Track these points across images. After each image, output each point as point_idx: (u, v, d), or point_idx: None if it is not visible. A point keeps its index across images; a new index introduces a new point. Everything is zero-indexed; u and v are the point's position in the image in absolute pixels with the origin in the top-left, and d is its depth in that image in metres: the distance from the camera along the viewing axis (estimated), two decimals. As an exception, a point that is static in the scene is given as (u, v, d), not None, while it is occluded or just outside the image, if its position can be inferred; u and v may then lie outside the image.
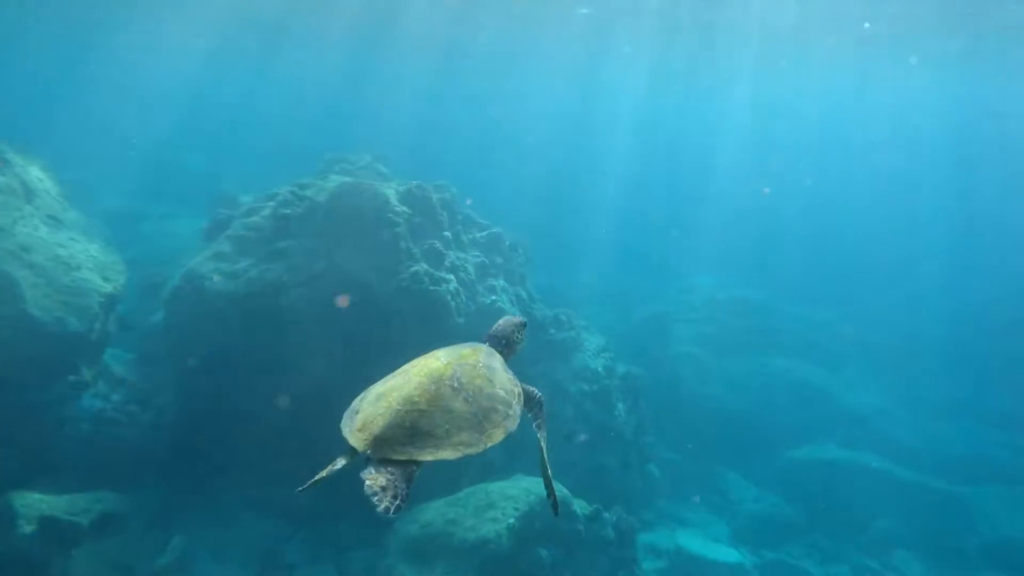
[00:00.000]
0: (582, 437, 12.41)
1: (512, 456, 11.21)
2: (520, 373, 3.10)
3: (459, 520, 9.10)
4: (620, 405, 13.79)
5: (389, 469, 2.36)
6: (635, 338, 19.81)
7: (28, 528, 7.59)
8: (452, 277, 11.56)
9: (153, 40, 34.85)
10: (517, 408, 2.75)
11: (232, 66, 43.81)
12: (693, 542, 13.63)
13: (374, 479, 2.32)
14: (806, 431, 16.56)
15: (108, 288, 9.47)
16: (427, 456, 2.43)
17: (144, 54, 38.60)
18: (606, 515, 10.78)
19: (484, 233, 13.61)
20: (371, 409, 2.58)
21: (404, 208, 11.48)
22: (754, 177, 40.65)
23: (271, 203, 10.87)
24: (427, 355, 2.85)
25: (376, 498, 2.25)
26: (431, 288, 10.79)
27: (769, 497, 15.04)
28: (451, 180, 14.49)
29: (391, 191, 11.71)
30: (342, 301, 9.59)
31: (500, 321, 3.22)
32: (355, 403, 2.76)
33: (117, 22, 31.32)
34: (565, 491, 9.84)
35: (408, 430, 2.45)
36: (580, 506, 10.18)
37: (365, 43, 32.02)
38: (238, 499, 9.56)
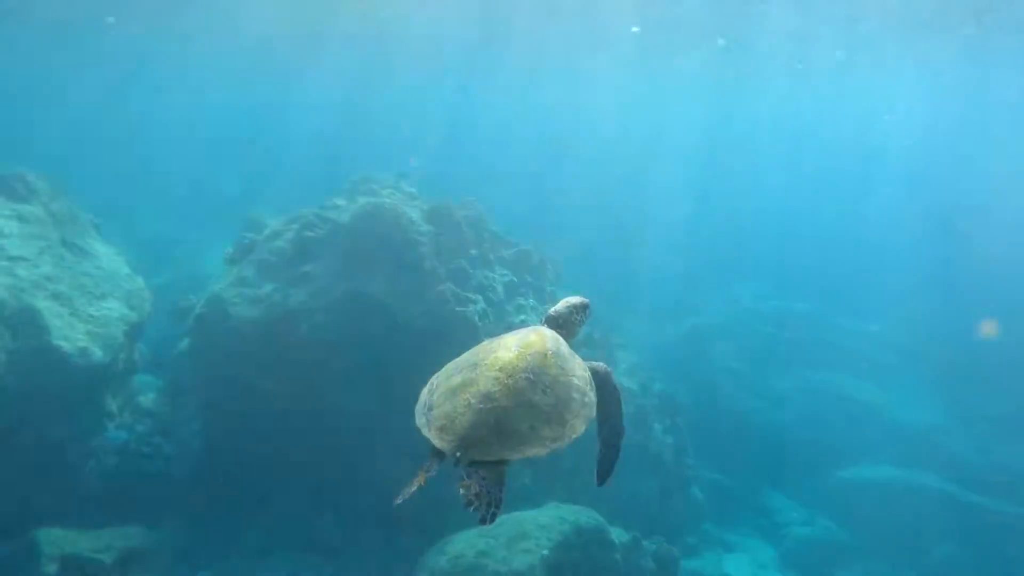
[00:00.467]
0: None
1: (544, 481, 10.87)
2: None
3: (490, 552, 8.76)
4: (657, 425, 13.33)
5: (481, 473, 2.33)
6: (674, 353, 19.30)
7: (51, 567, 7.51)
8: (479, 297, 11.31)
9: (183, 63, 35.70)
10: (592, 394, 2.68)
11: (263, 87, 44.61)
12: (740, 568, 13.08)
13: (468, 486, 2.29)
14: (857, 449, 15.82)
15: (134, 317, 9.45)
16: (516, 455, 2.38)
17: (174, 77, 39.56)
18: (645, 543, 10.34)
19: (512, 251, 13.34)
20: (448, 406, 2.51)
21: (428, 227, 11.30)
22: (791, 184, 39.78)
23: (294, 226, 10.80)
24: (493, 342, 2.78)
25: (473, 507, 2.24)
26: (458, 309, 10.55)
27: (820, 520, 14.37)
28: (479, 196, 14.33)
29: (415, 210, 11.55)
30: None
31: (560, 302, 3.12)
32: (424, 396, 2.69)
33: (149, 50, 32.19)
34: (600, 519, 9.45)
35: (493, 429, 2.40)
36: (618, 534, 9.76)
37: (389, 59, 32.23)
38: (265, 532, 9.39)
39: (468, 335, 10.62)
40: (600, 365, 2.92)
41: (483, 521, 2.24)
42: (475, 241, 12.29)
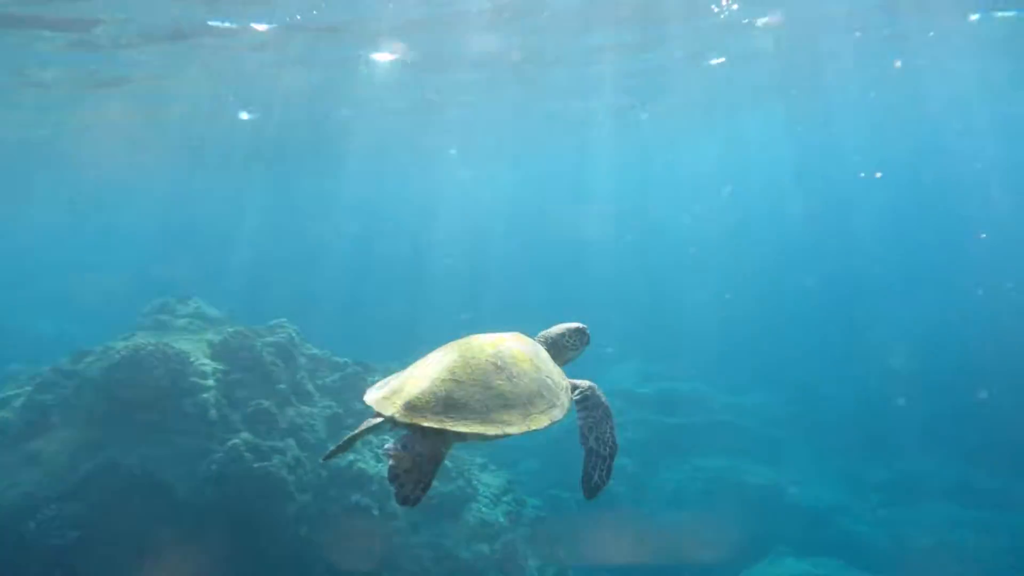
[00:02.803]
0: None
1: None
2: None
3: None
4: (531, 562, 11.86)
5: (417, 448, 2.29)
6: (558, 454, 18.18)
7: None
8: (291, 442, 9.68)
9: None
10: (565, 400, 2.65)
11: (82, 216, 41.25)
12: None
13: (399, 457, 2.24)
14: (758, 541, 15.00)
15: None
16: (460, 427, 2.33)
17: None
18: None
19: (339, 375, 11.80)
20: (401, 380, 2.56)
21: (217, 365, 9.64)
22: (657, 252, 40.81)
23: (28, 388, 8.78)
24: (464, 338, 2.79)
25: (398, 482, 2.20)
26: (256, 466, 8.83)
27: (729, 636, 13.25)
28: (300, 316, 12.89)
29: (199, 346, 9.87)
30: None
31: (553, 327, 3.09)
32: (380, 381, 2.71)
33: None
34: None
35: (443, 399, 2.38)
36: None
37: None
38: None
39: (274, 496, 8.91)
40: (584, 382, 2.89)
41: (404, 501, 2.20)
42: (285, 372, 10.68)
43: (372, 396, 2.55)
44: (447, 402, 2.37)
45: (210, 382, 9.23)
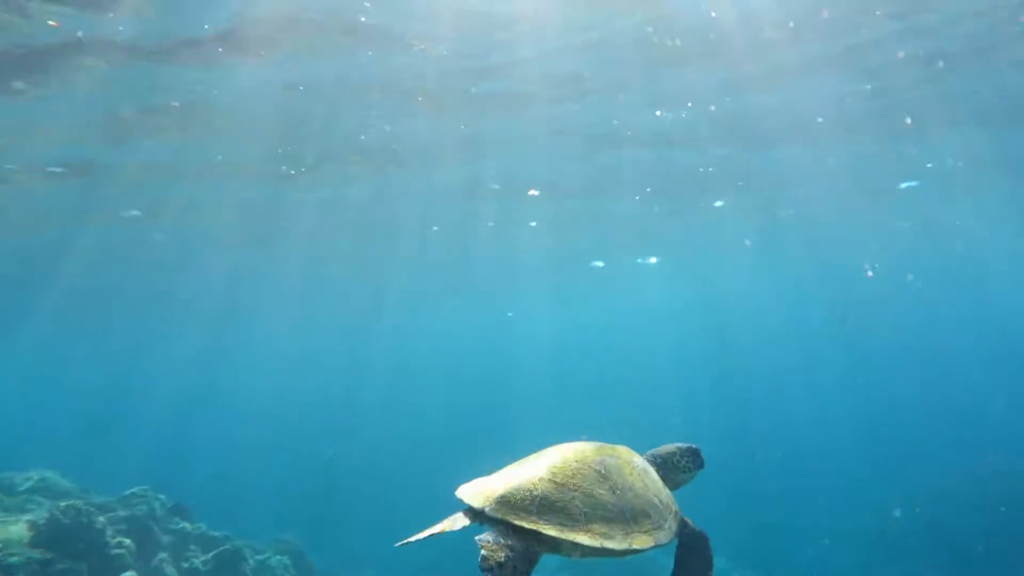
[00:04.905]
0: None
1: None
2: None
3: None
4: None
5: (509, 543, 2.12)
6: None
7: None
8: (131, 651, 7.64)
9: None
10: (673, 524, 2.45)
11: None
12: None
13: (492, 550, 2.07)
14: None
15: None
16: (554, 532, 2.17)
17: None
18: None
19: (211, 554, 9.84)
20: (495, 476, 2.45)
21: (35, 554, 7.74)
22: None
23: None
24: (567, 443, 2.63)
25: (491, 574, 2.02)
26: None
27: None
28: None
29: (18, 529, 8.00)
30: None
31: (663, 445, 2.85)
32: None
33: None
34: None
35: (538, 500, 2.25)
36: None
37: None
38: None
39: None
40: (696, 527, 2.62)
41: None
42: (137, 555, 8.77)
43: (464, 489, 2.39)
44: (543, 503, 2.23)
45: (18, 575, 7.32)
